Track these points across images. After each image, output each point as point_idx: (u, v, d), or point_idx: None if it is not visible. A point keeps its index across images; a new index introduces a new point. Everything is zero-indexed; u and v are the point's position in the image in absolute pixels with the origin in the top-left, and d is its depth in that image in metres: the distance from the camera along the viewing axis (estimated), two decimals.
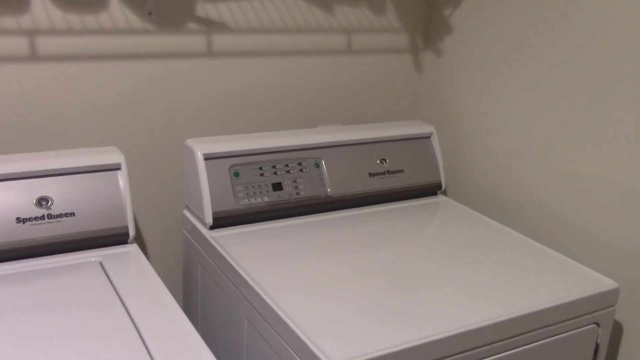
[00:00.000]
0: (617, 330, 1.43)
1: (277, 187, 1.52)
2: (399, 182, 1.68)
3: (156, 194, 1.63)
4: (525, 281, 1.28)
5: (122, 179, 1.37)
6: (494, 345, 1.15)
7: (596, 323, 1.28)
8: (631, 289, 1.39)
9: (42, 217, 1.28)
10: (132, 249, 1.35)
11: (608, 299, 1.28)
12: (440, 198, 1.74)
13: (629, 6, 1.33)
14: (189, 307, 1.61)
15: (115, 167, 1.37)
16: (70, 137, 1.49)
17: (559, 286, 1.27)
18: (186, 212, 1.56)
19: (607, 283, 1.29)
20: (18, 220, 1.26)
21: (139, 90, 1.54)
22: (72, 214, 1.30)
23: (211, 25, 1.58)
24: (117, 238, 1.35)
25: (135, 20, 1.49)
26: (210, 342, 1.47)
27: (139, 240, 1.64)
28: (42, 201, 1.29)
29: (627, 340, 1.42)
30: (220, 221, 1.45)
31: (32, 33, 1.39)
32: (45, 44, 1.41)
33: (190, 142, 1.49)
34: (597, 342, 1.30)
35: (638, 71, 1.33)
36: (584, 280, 1.30)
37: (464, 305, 1.17)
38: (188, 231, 1.55)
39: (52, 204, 1.29)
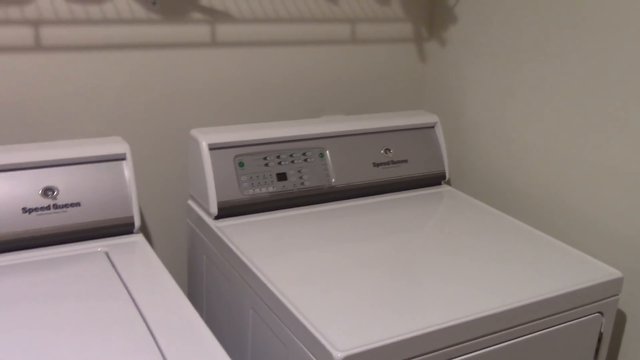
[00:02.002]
0: (620, 320, 1.43)
1: (282, 177, 1.52)
2: (403, 172, 1.68)
3: (160, 184, 1.63)
4: (529, 270, 1.28)
5: (127, 169, 1.37)
6: (499, 334, 1.15)
7: (600, 312, 1.28)
8: (635, 279, 1.40)
9: (48, 207, 1.28)
10: (138, 238, 1.35)
11: (612, 288, 1.29)
12: (444, 188, 1.74)
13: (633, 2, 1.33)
14: (194, 297, 1.62)
15: (121, 157, 1.37)
16: (75, 127, 1.49)
17: (563, 275, 1.27)
18: (191, 202, 1.56)
19: (611, 272, 1.30)
20: (24, 210, 1.26)
21: (144, 80, 1.54)
22: (78, 204, 1.31)
23: (215, 15, 1.58)
24: (122, 228, 1.35)
25: (139, 10, 1.49)
26: (216, 331, 1.48)
27: (144, 230, 1.64)
28: (47, 191, 1.29)
29: (631, 329, 1.42)
30: (225, 211, 1.46)
31: (36, 23, 1.39)
32: (50, 34, 1.41)
33: (194, 132, 1.49)
34: (600, 331, 1.30)
35: None
36: (588, 269, 1.30)
37: (468, 294, 1.18)
38: (193, 221, 1.55)
39: (57, 194, 1.30)
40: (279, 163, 1.53)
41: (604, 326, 1.30)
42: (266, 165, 1.51)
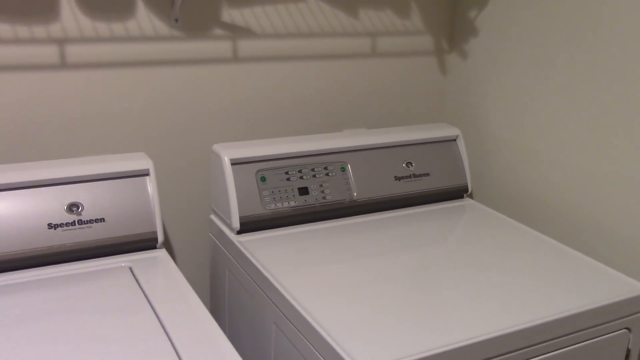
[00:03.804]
0: None
1: (304, 191, 1.52)
2: (425, 185, 1.67)
3: (183, 199, 1.65)
4: (555, 285, 1.26)
5: (150, 184, 1.38)
6: (523, 351, 1.14)
7: (627, 328, 1.26)
8: None
9: (73, 223, 1.30)
10: (161, 254, 1.36)
11: (639, 303, 1.27)
12: (466, 201, 1.73)
13: None
14: (216, 312, 1.63)
15: (144, 173, 1.38)
16: (99, 143, 1.51)
17: (590, 290, 1.25)
18: (213, 217, 1.57)
19: (638, 287, 1.28)
20: (49, 226, 1.28)
21: (166, 96, 1.56)
22: (102, 220, 1.32)
23: (237, 31, 1.59)
24: (146, 243, 1.36)
25: (161, 27, 1.51)
26: (238, 346, 1.48)
27: (167, 245, 1.66)
28: (72, 207, 1.31)
29: None
30: (247, 226, 1.46)
31: (61, 41, 1.41)
32: (74, 51, 1.43)
33: (217, 147, 1.50)
34: (628, 347, 1.28)
35: None
36: (614, 284, 1.28)
37: (492, 310, 1.17)
38: (215, 236, 1.56)
39: (82, 209, 1.31)
40: (301, 177, 1.53)
41: (632, 342, 1.28)
42: (288, 179, 1.52)
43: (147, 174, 1.39)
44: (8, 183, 1.27)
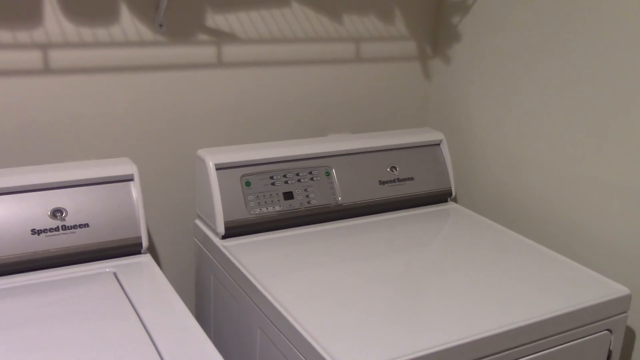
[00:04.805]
0: (629, 337, 1.43)
1: (288, 196, 1.53)
2: (409, 189, 1.68)
3: (168, 204, 1.64)
4: (537, 288, 1.28)
5: (135, 189, 1.38)
6: (506, 352, 1.15)
7: (608, 330, 1.28)
8: None
9: (57, 229, 1.29)
10: (146, 259, 1.36)
11: (620, 305, 1.28)
12: (450, 205, 1.74)
13: (636, 12, 1.34)
14: (201, 317, 1.62)
15: (128, 178, 1.38)
16: (83, 148, 1.51)
17: (571, 293, 1.27)
18: (198, 222, 1.57)
19: (619, 289, 1.29)
20: (33, 231, 1.27)
21: (151, 102, 1.55)
22: (86, 225, 1.32)
23: (221, 36, 1.60)
24: (130, 248, 1.36)
25: (146, 32, 1.51)
26: (223, 351, 1.48)
27: (152, 250, 1.65)
28: (56, 212, 1.30)
29: None
30: (232, 230, 1.46)
31: (45, 46, 1.41)
32: (58, 56, 1.43)
33: (201, 152, 1.51)
34: (609, 349, 1.30)
35: None
36: (595, 286, 1.30)
37: (475, 312, 1.18)
38: (200, 240, 1.56)
39: (66, 215, 1.31)
40: (286, 182, 1.54)
41: (613, 344, 1.30)
42: (273, 184, 1.52)
43: (132, 179, 1.38)
44: None
